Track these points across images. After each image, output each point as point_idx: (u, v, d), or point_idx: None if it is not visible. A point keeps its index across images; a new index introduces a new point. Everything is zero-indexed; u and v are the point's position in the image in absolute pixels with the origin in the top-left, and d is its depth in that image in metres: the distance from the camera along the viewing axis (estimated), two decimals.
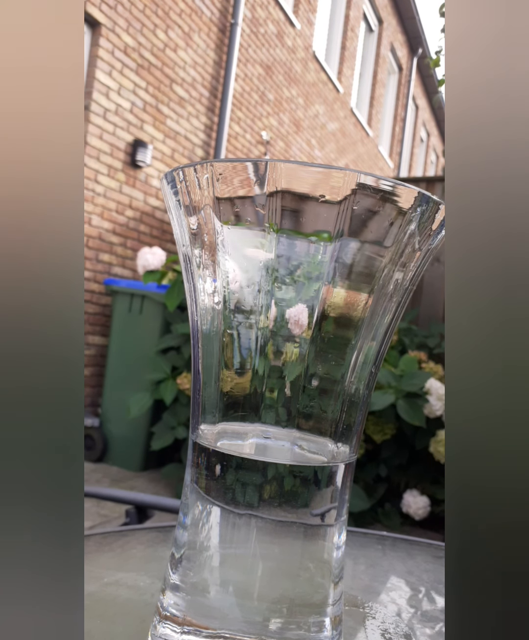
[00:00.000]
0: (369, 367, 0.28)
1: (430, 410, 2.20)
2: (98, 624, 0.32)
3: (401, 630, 0.35)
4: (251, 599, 0.26)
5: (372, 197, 0.25)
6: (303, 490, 0.27)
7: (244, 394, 0.27)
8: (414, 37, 9.30)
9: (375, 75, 8.18)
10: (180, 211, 0.28)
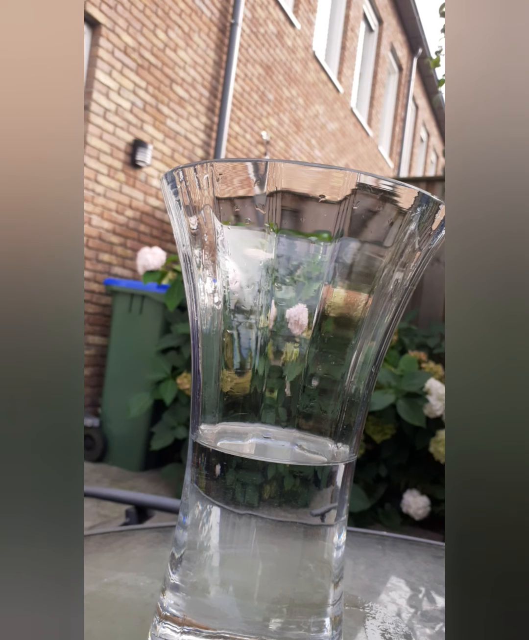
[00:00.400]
0: (369, 367, 0.28)
1: (430, 410, 2.20)
2: (98, 624, 0.32)
3: (401, 630, 0.35)
4: (251, 599, 0.26)
5: (372, 197, 0.25)
6: (303, 490, 0.27)
7: (244, 394, 0.27)
8: (414, 37, 9.30)
9: (375, 75, 8.18)
10: (180, 211, 0.28)
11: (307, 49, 6.06)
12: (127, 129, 3.76)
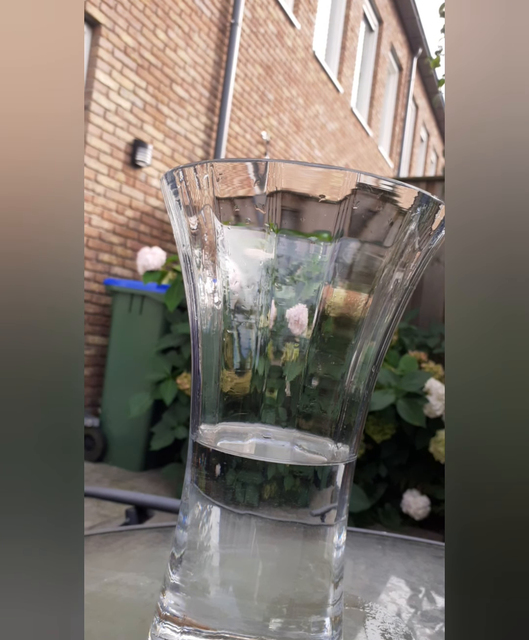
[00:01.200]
0: (369, 367, 0.28)
1: (430, 410, 2.20)
2: (98, 624, 0.32)
3: (401, 630, 0.35)
4: (251, 599, 0.26)
5: (372, 197, 0.25)
6: (303, 490, 0.27)
7: (244, 394, 0.27)
8: (414, 37, 9.30)
9: (375, 75, 8.18)
10: (180, 211, 0.28)
11: (307, 49, 6.06)
12: (127, 129, 3.76)
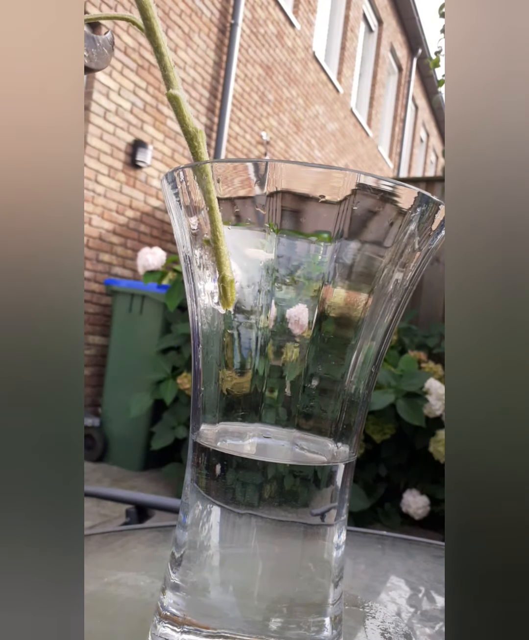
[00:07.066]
0: (369, 367, 0.28)
1: (430, 410, 2.20)
2: (98, 623, 0.32)
3: (401, 630, 0.35)
4: (251, 598, 0.27)
5: (372, 198, 0.25)
6: (303, 489, 0.27)
7: (244, 394, 0.27)
8: (414, 37, 9.29)
9: (375, 76, 8.18)
10: (180, 211, 0.28)
11: (307, 49, 6.05)
12: (127, 130, 3.76)
